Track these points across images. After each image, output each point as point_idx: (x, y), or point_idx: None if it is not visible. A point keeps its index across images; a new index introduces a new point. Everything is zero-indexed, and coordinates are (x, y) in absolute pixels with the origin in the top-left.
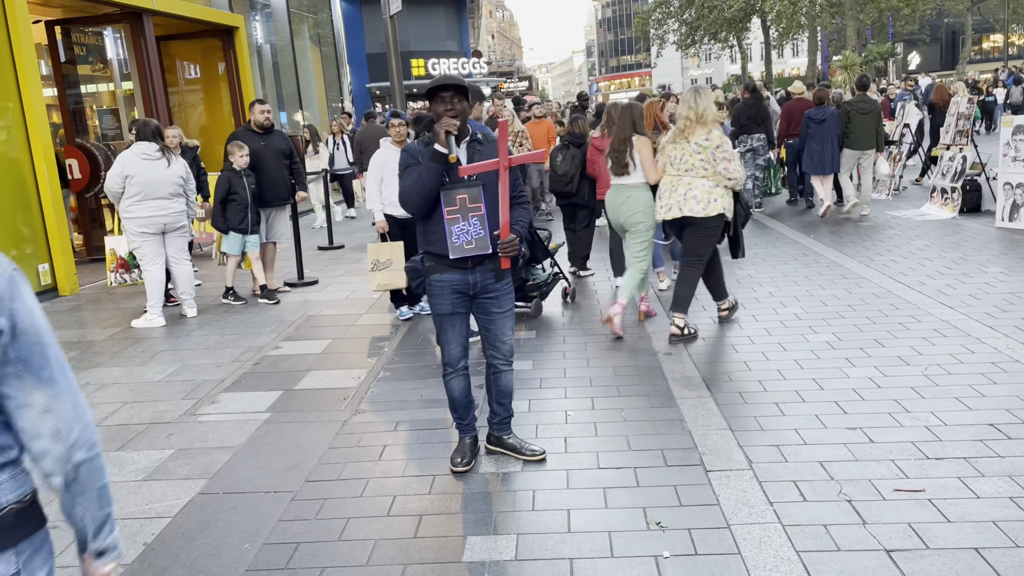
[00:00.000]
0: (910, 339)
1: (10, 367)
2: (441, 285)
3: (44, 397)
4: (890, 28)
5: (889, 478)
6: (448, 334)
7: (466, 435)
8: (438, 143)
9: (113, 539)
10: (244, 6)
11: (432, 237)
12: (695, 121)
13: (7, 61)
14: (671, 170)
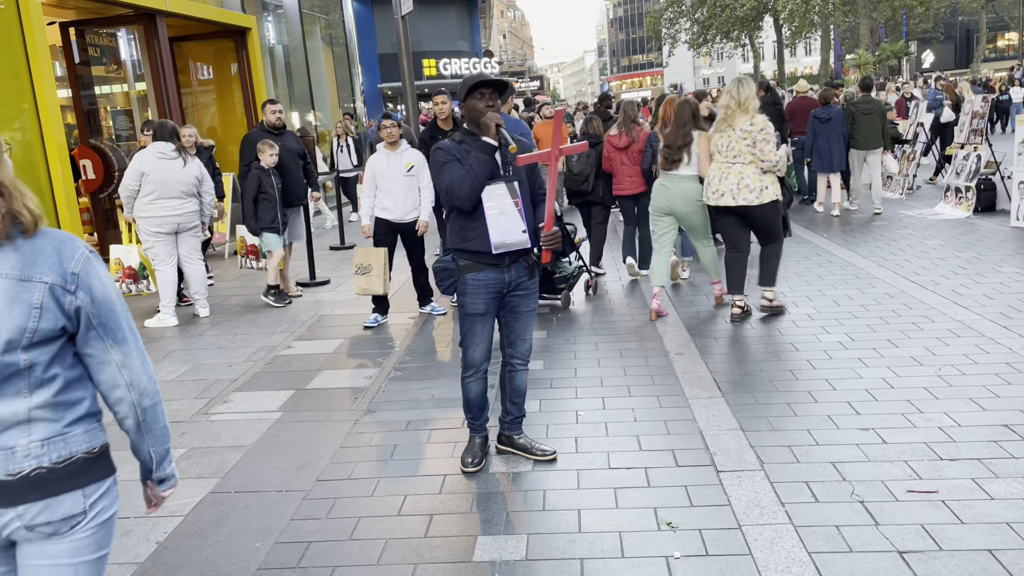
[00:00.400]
0: (924, 339)
1: (92, 332)
2: (478, 283)
3: (119, 355)
4: (903, 26)
5: (902, 479)
6: (478, 335)
7: (477, 435)
8: (487, 137)
9: (172, 469)
10: (256, 7)
11: (470, 234)
12: (737, 109)
13: (22, 62)
14: (719, 158)
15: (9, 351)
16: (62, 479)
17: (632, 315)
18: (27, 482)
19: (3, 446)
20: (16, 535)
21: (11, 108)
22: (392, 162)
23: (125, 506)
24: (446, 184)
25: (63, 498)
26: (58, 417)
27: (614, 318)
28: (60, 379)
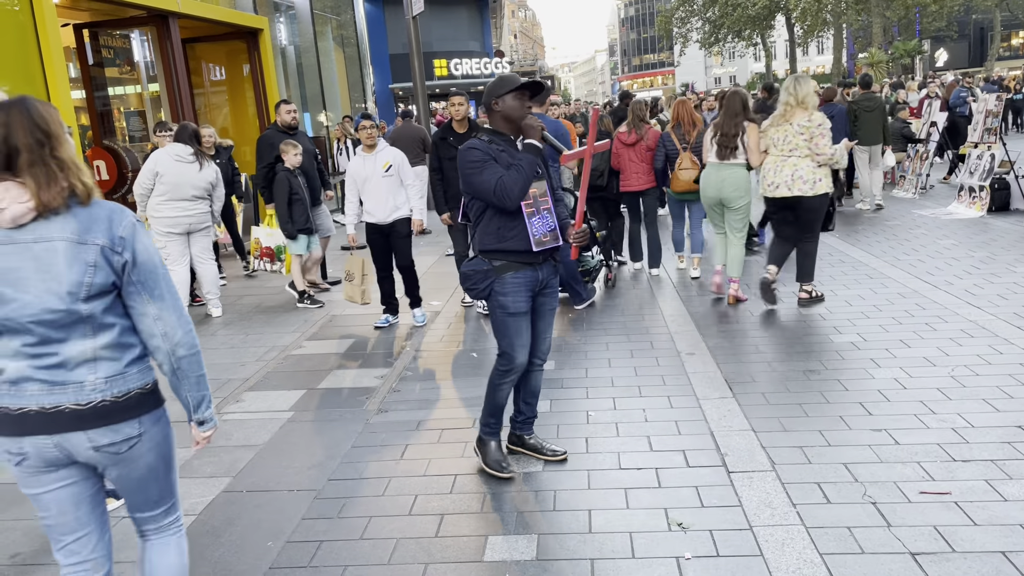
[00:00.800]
0: (937, 340)
1: (132, 287)
2: (518, 282)
3: (155, 308)
4: (917, 25)
5: (914, 480)
6: (523, 335)
7: (495, 438)
8: (532, 138)
9: (210, 413)
10: (268, 8)
11: (509, 233)
12: (796, 105)
13: (36, 64)
14: (774, 151)
15: (72, 301)
16: (122, 410)
17: (643, 315)
18: (94, 411)
19: (75, 380)
20: (85, 457)
21: None
22: (369, 164)
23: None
24: (494, 184)
25: (122, 425)
26: (118, 357)
27: (625, 318)
28: (117, 327)
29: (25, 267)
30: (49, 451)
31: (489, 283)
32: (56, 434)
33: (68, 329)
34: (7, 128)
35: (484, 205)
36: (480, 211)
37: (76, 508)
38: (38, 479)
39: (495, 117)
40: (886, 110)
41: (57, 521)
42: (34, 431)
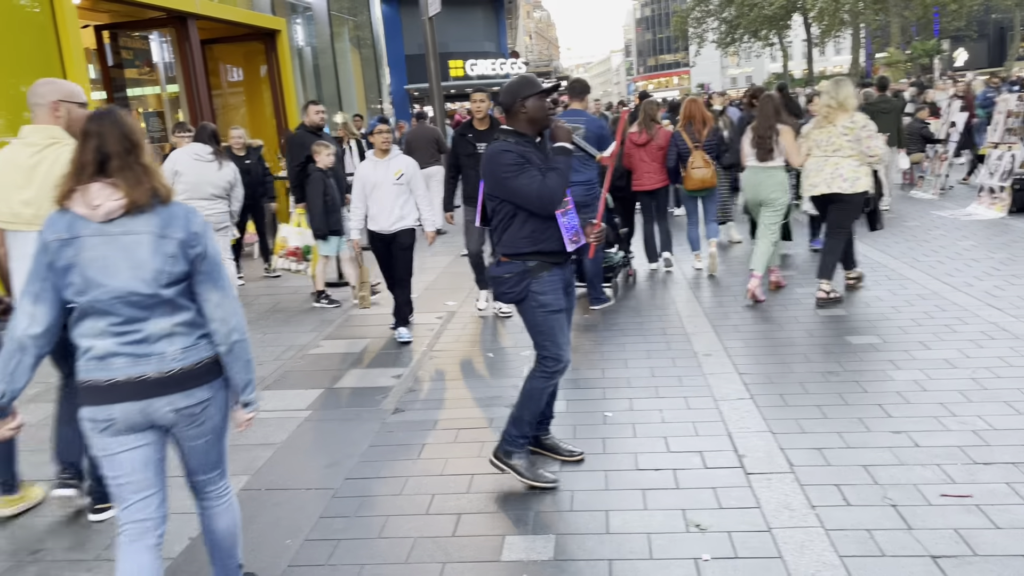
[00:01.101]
0: (957, 342)
1: (201, 276)
2: (555, 279)
3: (217, 296)
4: (936, 24)
5: (935, 483)
6: (565, 332)
7: (527, 449)
8: (563, 141)
9: (254, 396)
10: (286, 9)
11: (543, 235)
12: (836, 107)
13: (56, 65)
14: (817, 152)
15: (155, 286)
16: (195, 377)
17: (659, 316)
18: (173, 379)
19: (157, 352)
20: (164, 420)
21: None
22: (380, 170)
23: None
24: (537, 188)
25: (195, 390)
26: (190, 332)
27: (641, 319)
28: (191, 308)
29: (114, 256)
30: (134, 416)
31: (526, 284)
32: (142, 400)
33: (150, 310)
34: (100, 137)
35: (514, 208)
36: (509, 215)
37: (145, 469)
38: (117, 439)
39: (518, 118)
40: (902, 112)
41: (128, 480)
42: (123, 399)
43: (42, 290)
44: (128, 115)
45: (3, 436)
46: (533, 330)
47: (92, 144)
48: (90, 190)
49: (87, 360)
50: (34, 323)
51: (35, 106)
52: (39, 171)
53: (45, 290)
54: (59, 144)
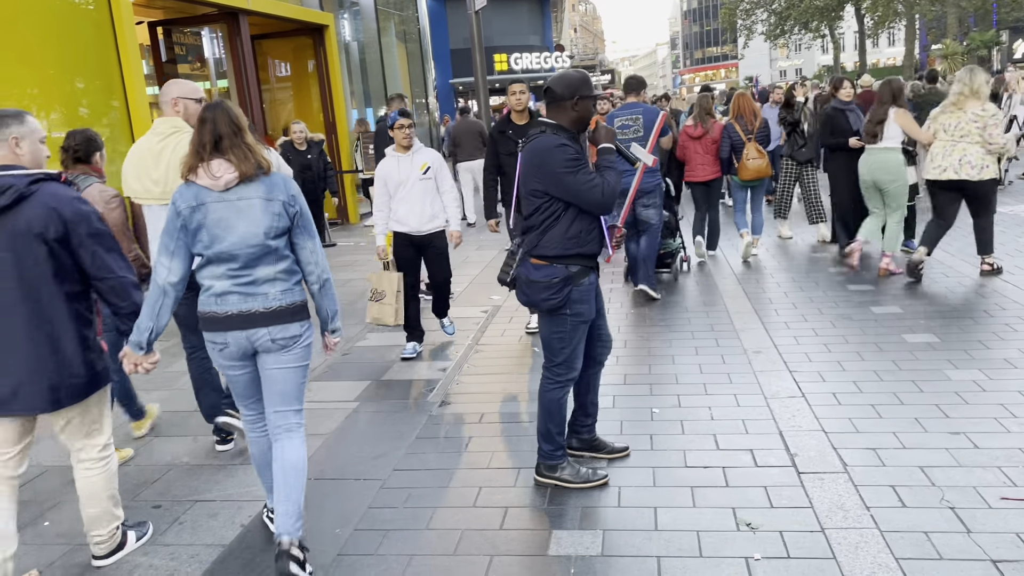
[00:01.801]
0: (1018, 341)
1: (299, 229)
2: (591, 287)
3: (311, 244)
4: (994, 15)
5: (995, 485)
6: (583, 341)
7: (567, 457)
8: (607, 142)
9: (338, 324)
10: (333, 4)
11: (588, 236)
12: (969, 95)
13: (113, 61)
14: (944, 136)
15: (265, 238)
16: (291, 314)
17: (707, 312)
18: (274, 314)
19: (263, 292)
20: (263, 346)
21: (103, 105)
22: (404, 165)
23: (212, 489)
24: (600, 185)
25: (290, 325)
26: (288, 279)
27: (689, 315)
28: (289, 258)
29: (233, 217)
30: (242, 342)
31: (568, 292)
32: (249, 329)
33: (260, 259)
34: (214, 122)
35: (564, 206)
36: (556, 214)
37: (250, 386)
38: (232, 364)
39: (567, 114)
40: None
41: (241, 392)
42: (235, 327)
43: (176, 247)
44: (233, 105)
45: (146, 369)
46: (556, 338)
47: (208, 128)
48: (212, 165)
49: (208, 296)
50: (171, 273)
51: (162, 103)
52: (164, 155)
53: (179, 247)
54: (179, 132)
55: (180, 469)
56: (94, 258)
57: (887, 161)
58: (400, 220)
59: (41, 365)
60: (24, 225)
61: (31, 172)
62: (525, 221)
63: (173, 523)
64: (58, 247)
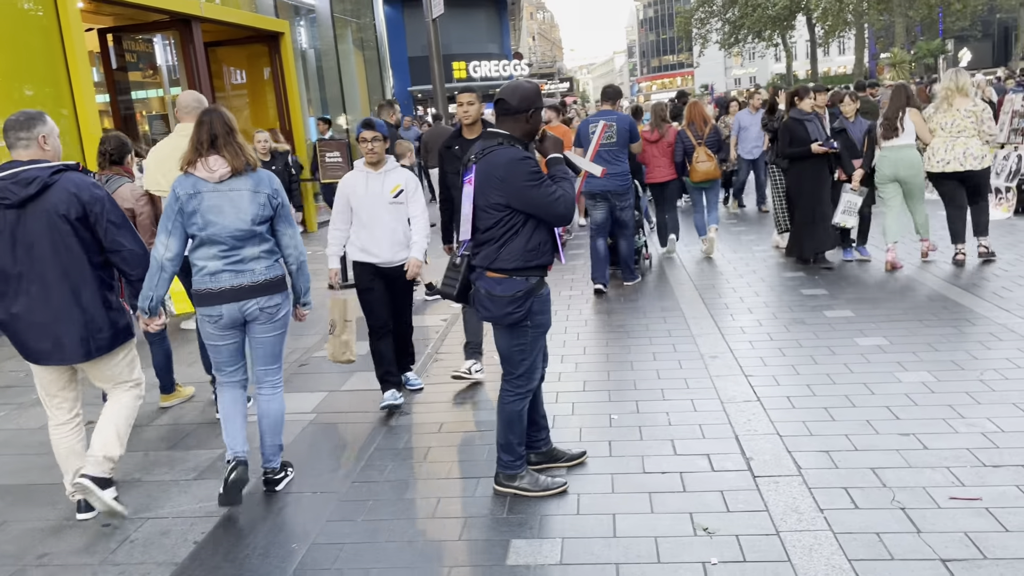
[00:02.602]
0: (965, 343)
1: (280, 218)
2: (548, 297)
3: (291, 231)
4: (940, 24)
5: (944, 486)
6: (544, 348)
7: (526, 467)
8: (556, 152)
9: (309, 299)
10: (289, 12)
11: (545, 247)
12: (955, 92)
13: (61, 69)
14: (942, 133)
15: (251, 224)
16: (274, 286)
17: (665, 318)
18: (261, 287)
19: (250, 269)
20: (251, 315)
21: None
22: (373, 185)
23: (164, 506)
24: (559, 199)
25: (275, 295)
26: (270, 256)
27: (647, 320)
28: (270, 240)
29: (224, 204)
30: (235, 313)
31: (530, 303)
32: (240, 301)
33: (246, 241)
34: (211, 124)
35: (524, 219)
36: (516, 226)
37: (235, 355)
38: (223, 334)
39: (518, 124)
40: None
41: (224, 359)
42: (228, 300)
43: (173, 228)
44: (226, 111)
45: (153, 328)
46: (517, 350)
47: (205, 128)
48: (209, 160)
49: (202, 276)
50: (167, 250)
51: (186, 109)
52: None
53: (176, 228)
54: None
55: (131, 485)
56: (107, 233)
57: (909, 157)
58: (364, 248)
59: (72, 324)
60: (50, 208)
61: (53, 164)
62: (482, 235)
63: (123, 542)
64: (79, 225)
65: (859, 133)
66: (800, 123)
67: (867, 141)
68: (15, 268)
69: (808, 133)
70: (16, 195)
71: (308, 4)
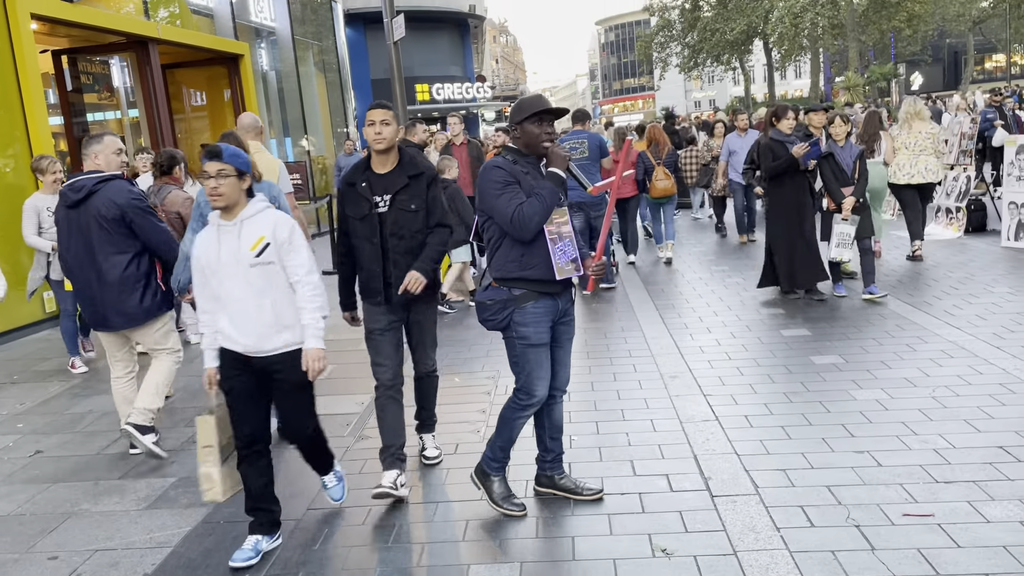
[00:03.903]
0: (917, 360)
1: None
2: (539, 311)
3: None
4: (892, 49)
5: (898, 502)
6: (543, 367)
7: (501, 474)
8: (556, 167)
9: None
10: (249, 34)
11: (532, 260)
12: (914, 116)
13: (13, 91)
14: (905, 152)
15: None
16: None
17: (625, 338)
18: None
19: None
20: None
21: (3, 136)
22: (227, 242)
23: (114, 537)
24: (513, 211)
25: None
26: None
27: (608, 341)
28: None
29: None
30: None
31: (509, 313)
32: None
33: None
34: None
35: (500, 228)
36: (498, 234)
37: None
38: None
39: (515, 139)
40: None
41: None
42: None
43: (196, 226)
44: (239, 136)
45: (186, 301)
46: (512, 361)
47: None
48: None
49: None
50: (191, 244)
51: (249, 130)
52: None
53: (197, 225)
54: (260, 152)
55: (79, 517)
56: (142, 230)
57: (880, 171)
58: (223, 331)
59: (117, 300)
60: (94, 209)
61: (101, 174)
62: (483, 240)
63: (71, 574)
64: (118, 222)
65: (849, 158)
66: (781, 144)
67: (858, 167)
68: (75, 254)
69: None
70: (71, 198)
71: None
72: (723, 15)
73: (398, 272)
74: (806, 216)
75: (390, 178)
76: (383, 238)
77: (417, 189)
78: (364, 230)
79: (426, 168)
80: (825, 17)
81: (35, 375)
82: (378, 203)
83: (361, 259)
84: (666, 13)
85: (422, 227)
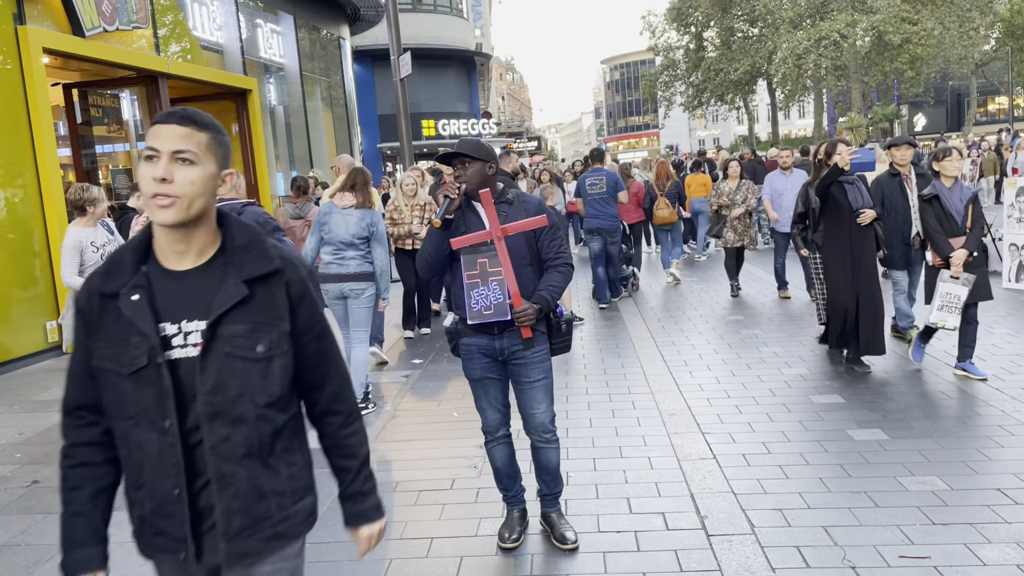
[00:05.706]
0: (916, 401)
1: (375, 238)
2: (469, 348)
3: (380, 248)
4: (895, 90)
5: (894, 544)
6: (482, 400)
7: (514, 507)
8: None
9: (387, 295)
10: (258, 69)
11: (459, 301)
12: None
13: (24, 122)
14: None
15: (354, 238)
16: (363, 277)
17: (625, 374)
18: (355, 276)
19: (347, 263)
20: (346, 293)
21: (12, 167)
22: None
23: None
24: (421, 251)
25: (360, 283)
26: (362, 259)
27: (607, 377)
28: (364, 250)
29: (342, 223)
30: (336, 291)
31: (455, 344)
32: (342, 283)
33: (349, 247)
34: (355, 176)
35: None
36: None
37: (342, 318)
38: (333, 302)
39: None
40: None
41: (340, 318)
42: (334, 281)
43: (314, 232)
44: (366, 170)
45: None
46: None
47: (351, 178)
48: (345, 195)
49: (325, 264)
50: (311, 248)
51: (344, 168)
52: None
53: (315, 233)
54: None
55: None
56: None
57: None
58: None
59: None
60: None
61: (242, 200)
62: None
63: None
64: None
65: (959, 201)
66: (839, 185)
67: (971, 212)
68: None
69: (847, 198)
70: None
71: (278, 62)
72: (727, 55)
73: (225, 500)
74: (869, 269)
75: (202, 281)
76: (183, 418)
77: (270, 304)
78: (141, 398)
79: (284, 261)
80: (828, 59)
81: (35, 405)
82: (173, 339)
83: (131, 465)
84: (671, 53)
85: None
